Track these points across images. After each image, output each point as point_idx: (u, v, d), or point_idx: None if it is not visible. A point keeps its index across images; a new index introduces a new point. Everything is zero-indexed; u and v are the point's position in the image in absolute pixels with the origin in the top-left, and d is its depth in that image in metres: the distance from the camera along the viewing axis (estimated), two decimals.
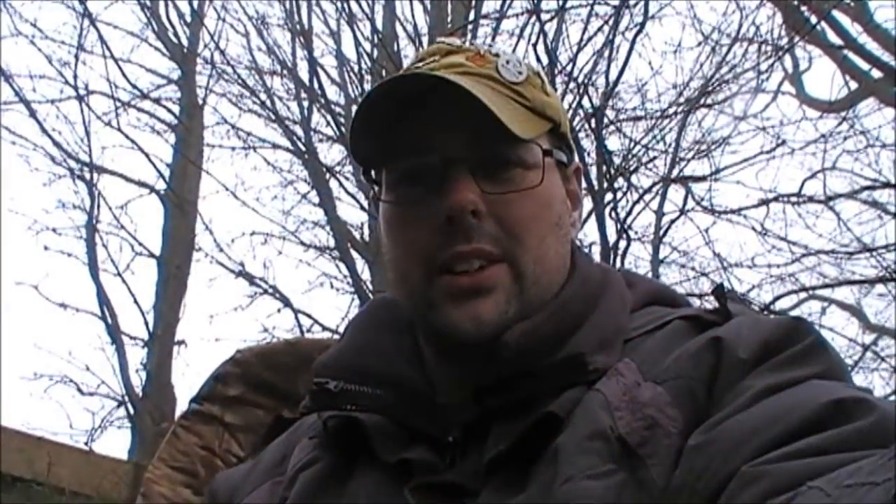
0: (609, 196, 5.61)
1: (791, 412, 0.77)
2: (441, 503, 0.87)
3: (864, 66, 7.78)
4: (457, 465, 0.90)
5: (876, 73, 7.65)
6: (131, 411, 8.69)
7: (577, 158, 1.07)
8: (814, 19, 6.89)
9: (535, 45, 5.46)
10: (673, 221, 7.88)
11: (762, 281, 8.16)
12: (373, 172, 1.02)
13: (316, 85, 7.69)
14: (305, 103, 8.04)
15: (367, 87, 7.32)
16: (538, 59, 5.29)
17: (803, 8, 6.91)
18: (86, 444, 8.42)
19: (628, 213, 6.02)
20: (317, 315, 7.99)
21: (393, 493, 0.89)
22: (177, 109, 9.61)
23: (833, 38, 7.70)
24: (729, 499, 0.74)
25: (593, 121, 5.56)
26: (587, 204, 5.35)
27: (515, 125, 0.93)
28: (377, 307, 1.07)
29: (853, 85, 8.26)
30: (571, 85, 5.76)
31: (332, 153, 8.55)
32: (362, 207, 7.71)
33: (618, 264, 5.29)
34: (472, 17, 6.93)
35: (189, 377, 9.53)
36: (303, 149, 7.99)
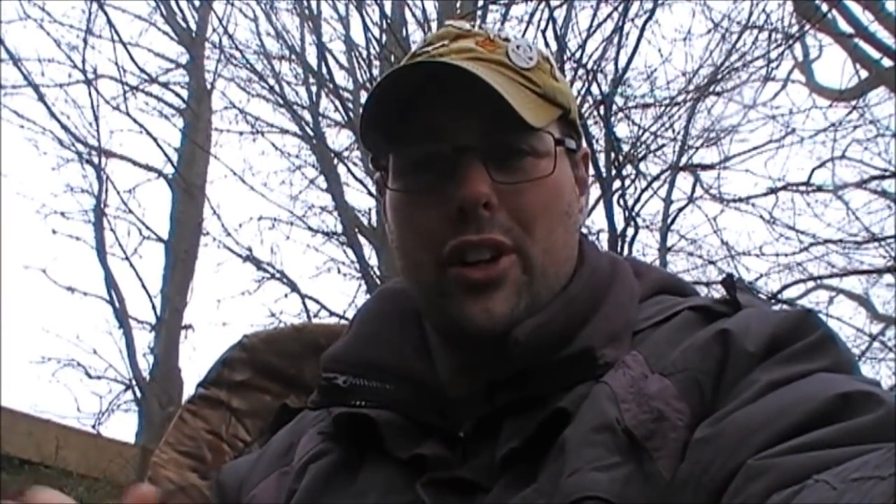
0: (617, 183, 5.61)
1: (798, 406, 0.76)
2: (453, 499, 0.87)
3: (875, 54, 7.74)
4: (468, 461, 0.90)
5: (887, 62, 7.62)
6: (138, 395, 8.72)
7: (584, 143, 1.07)
8: (824, 7, 6.86)
9: (544, 32, 5.45)
10: (681, 209, 7.90)
11: (770, 270, 8.17)
12: (381, 159, 1.02)
13: (324, 70, 7.69)
14: (314, 88, 8.04)
15: (376, 72, 7.32)
16: (547, 46, 5.28)
17: None
18: (93, 427, 8.48)
19: (636, 201, 6.02)
20: (324, 300, 8.02)
21: (404, 489, 0.89)
22: (185, 94, 9.62)
23: (844, 26, 7.67)
24: (735, 492, 0.74)
25: (602, 108, 5.56)
26: (595, 191, 5.35)
27: (527, 113, 0.92)
28: (384, 297, 1.07)
29: (863, 73, 8.23)
30: (580, 72, 5.76)
31: (340, 138, 8.56)
32: (370, 193, 7.71)
33: (625, 252, 5.29)
34: (480, 2, 6.91)
35: (196, 361, 9.57)
36: (311, 134, 7.99)
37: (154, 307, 9.05)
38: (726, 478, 0.75)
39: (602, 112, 5.56)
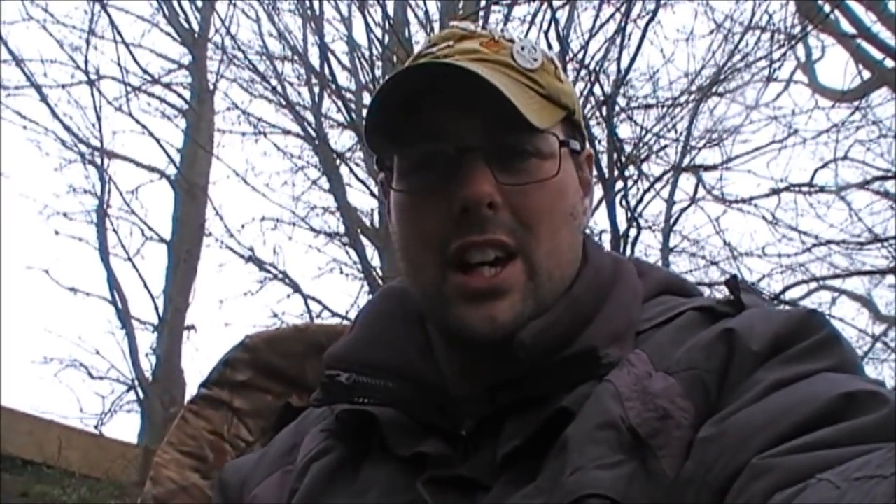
0: (620, 184, 5.61)
1: (802, 405, 0.76)
2: (454, 497, 0.87)
3: (878, 55, 7.73)
4: (470, 459, 0.90)
5: (889, 63, 7.61)
6: (141, 395, 8.74)
7: (587, 144, 1.06)
8: (827, 8, 6.85)
9: (546, 33, 5.45)
10: (683, 210, 7.90)
11: (772, 270, 8.17)
12: (385, 160, 1.01)
13: (327, 71, 7.69)
14: (316, 89, 8.04)
15: (378, 73, 7.32)
16: (550, 46, 5.28)
17: None
18: (95, 427, 8.49)
19: (639, 202, 6.02)
20: (326, 301, 8.03)
21: (406, 486, 0.89)
22: (187, 94, 9.64)
23: (846, 26, 7.67)
24: (738, 491, 0.74)
25: (604, 108, 5.56)
26: (597, 192, 5.34)
27: (532, 114, 0.91)
28: (387, 297, 1.07)
29: (866, 74, 8.22)
30: (583, 72, 5.76)
31: (342, 139, 8.56)
32: (372, 193, 7.72)
33: (628, 252, 5.29)
34: (483, 3, 6.91)
35: (198, 362, 9.61)
36: (313, 134, 7.99)
37: (156, 308, 9.07)
38: (730, 477, 0.75)
39: (605, 113, 5.57)
